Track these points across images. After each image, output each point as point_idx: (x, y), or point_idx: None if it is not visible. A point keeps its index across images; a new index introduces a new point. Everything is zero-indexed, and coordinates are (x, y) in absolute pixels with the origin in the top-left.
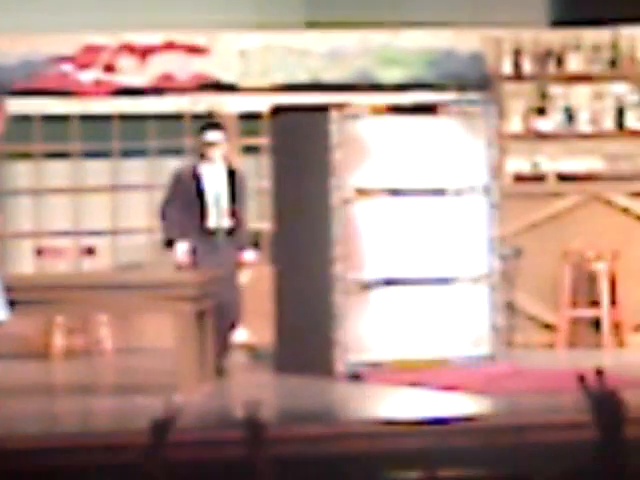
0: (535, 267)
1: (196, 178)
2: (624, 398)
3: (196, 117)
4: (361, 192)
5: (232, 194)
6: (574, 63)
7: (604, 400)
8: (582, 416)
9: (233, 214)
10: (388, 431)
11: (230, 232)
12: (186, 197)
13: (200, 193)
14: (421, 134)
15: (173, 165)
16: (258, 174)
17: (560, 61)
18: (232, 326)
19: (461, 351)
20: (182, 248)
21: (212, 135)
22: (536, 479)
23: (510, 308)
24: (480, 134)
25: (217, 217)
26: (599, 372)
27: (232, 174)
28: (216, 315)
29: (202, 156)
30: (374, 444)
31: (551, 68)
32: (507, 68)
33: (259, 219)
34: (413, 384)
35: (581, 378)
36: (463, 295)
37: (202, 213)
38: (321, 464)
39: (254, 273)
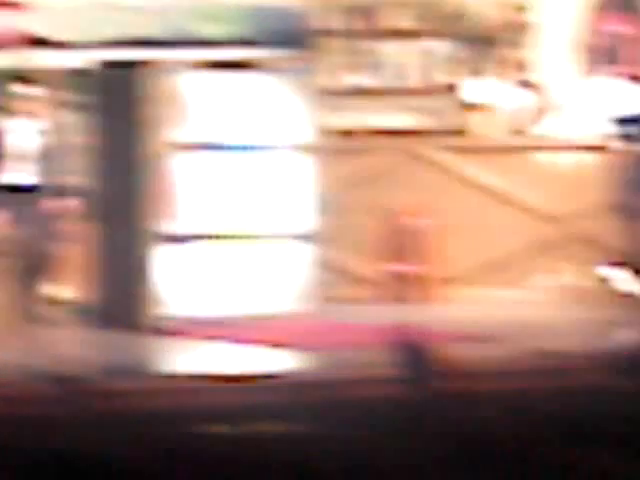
0: (352, 223)
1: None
2: (435, 352)
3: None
4: (177, 146)
5: (42, 149)
6: (387, 18)
7: (414, 354)
8: (394, 370)
9: (43, 168)
10: (201, 386)
11: (35, 187)
12: None
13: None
14: (238, 90)
15: None
16: (81, 130)
17: (370, 16)
18: (42, 278)
19: (277, 306)
20: None
21: (20, 89)
22: (353, 434)
23: (327, 263)
24: (298, 90)
25: (21, 171)
26: (409, 327)
27: (42, 129)
28: (26, 268)
29: (10, 110)
30: (187, 399)
31: (361, 24)
32: (322, 23)
33: (82, 174)
34: (228, 339)
35: (392, 332)
36: (280, 251)
37: (5, 168)
38: (132, 419)
39: (72, 227)
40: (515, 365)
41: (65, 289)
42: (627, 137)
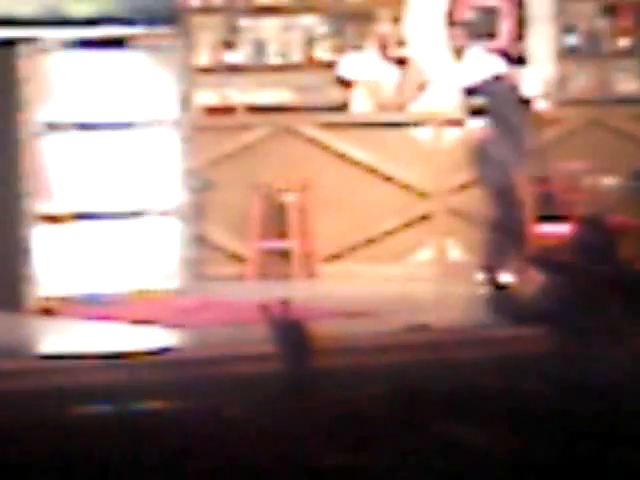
0: (226, 199)
1: None
2: (311, 329)
3: None
4: (50, 126)
5: None
6: None
7: (290, 331)
8: (270, 347)
9: None
10: (79, 365)
11: None
12: None
13: None
14: (110, 68)
15: None
16: None
17: None
18: None
19: (152, 284)
20: None
21: None
22: (227, 412)
23: (201, 240)
24: (169, 67)
25: None
26: (285, 303)
27: None
28: None
29: None
30: (64, 378)
31: (239, 1)
32: (196, 1)
33: None
34: (104, 318)
35: (268, 309)
36: (154, 228)
37: None
38: (11, 399)
39: None
40: (392, 340)
41: None
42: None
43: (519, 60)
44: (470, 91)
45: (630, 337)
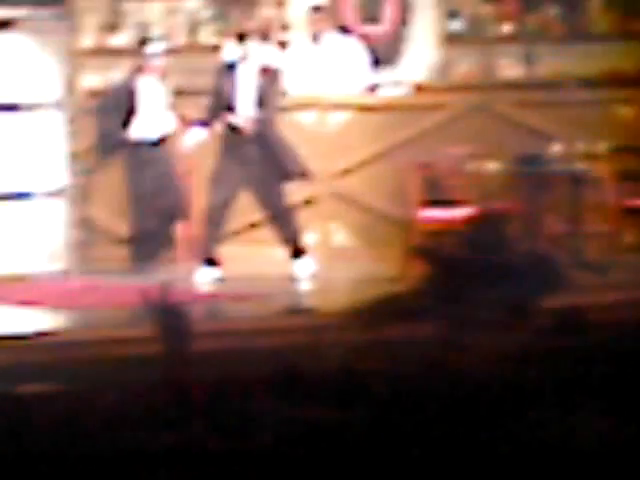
0: (109, 182)
1: None
2: (191, 312)
3: None
4: None
5: None
6: None
7: (168, 314)
8: (149, 330)
9: None
10: None
11: None
12: None
13: None
14: None
15: None
16: None
17: None
18: None
19: (36, 266)
20: None
21: None
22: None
23: (85, 223)
24: (52, 50)
25: None
26: (165, 286)
27: None
28: None
29: None
30: None
31: None
32: None
33: None
34: None
35: (148, 292)
36: (38, 210)
37: None
38: None
39: None
40: (273, 323)
41: None
42: None
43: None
44: None
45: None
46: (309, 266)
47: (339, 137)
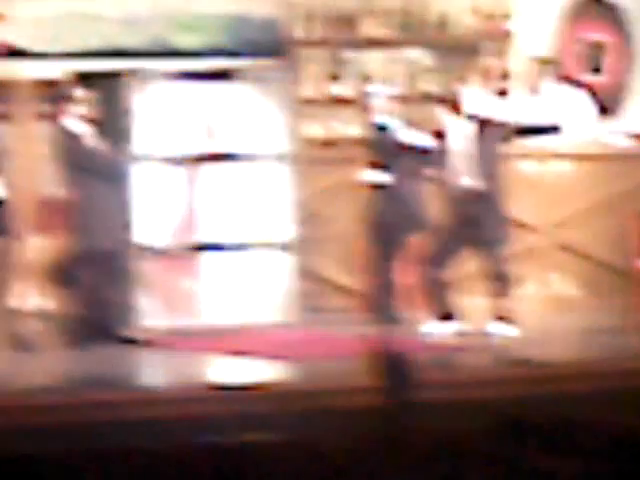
0: (333, 232)
1: None
2: (413, 362)
3: None
4: (159, 158)
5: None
6: (368, 28)
7: (393, 364)
8: (372, 380)
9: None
10: (192, 396)
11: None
12: None
13: None
14: (216, 100)
15: None
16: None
17: (354, 26)
18: None
19: (261, 317)
20: None
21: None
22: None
23: (309, 273)
24: (276, 100)
25: None
26: (388, 336)
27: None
28: None
29: None
30: (178, 409)
31: (345, 33)
32: (301, 33)
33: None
34: (212, 350)
35: (370, 343)
36: (261, 261)
37: None
38: (118, 430)
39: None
40: (500, 374)
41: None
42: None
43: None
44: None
45: None
46: (509, 331)
47: (560, 187)
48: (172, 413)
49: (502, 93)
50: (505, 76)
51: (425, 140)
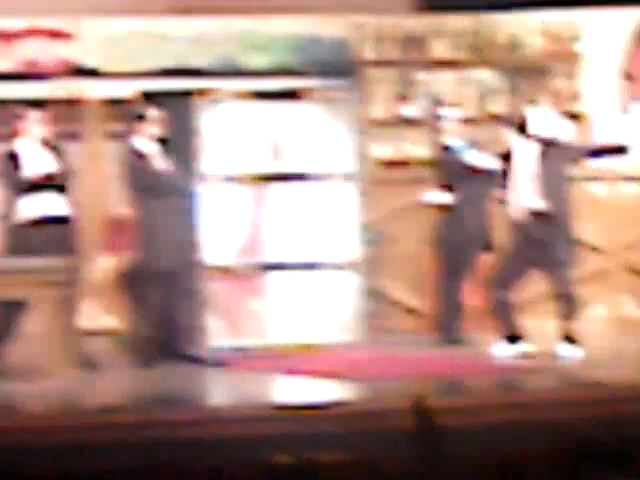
0: (401, 253)
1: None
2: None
3: (59, 102)
4: (226, 178)
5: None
6: (437, 49)
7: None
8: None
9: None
10: (257, 416)
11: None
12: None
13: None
14: (285, 120)
15: None
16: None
17: (423, 47)
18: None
19: (328, 337)
20: None
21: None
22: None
23: (376, 294)
24: (345, 120)
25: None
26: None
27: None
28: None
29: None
30: (244, 429)
31: (414, 54)
32: (371, 54)
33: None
34: (280, 370)
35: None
36: (330, 281)
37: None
38: (187, 448)
39: (117, 259)
40: (567, 395)
41: (115, 320)
42: None
43: None
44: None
45: None
46: (576, 353)
47: (629, 209)
48: (237, 432)
49: (572, 115)
50: (575, 98)
51: (492, 162)
